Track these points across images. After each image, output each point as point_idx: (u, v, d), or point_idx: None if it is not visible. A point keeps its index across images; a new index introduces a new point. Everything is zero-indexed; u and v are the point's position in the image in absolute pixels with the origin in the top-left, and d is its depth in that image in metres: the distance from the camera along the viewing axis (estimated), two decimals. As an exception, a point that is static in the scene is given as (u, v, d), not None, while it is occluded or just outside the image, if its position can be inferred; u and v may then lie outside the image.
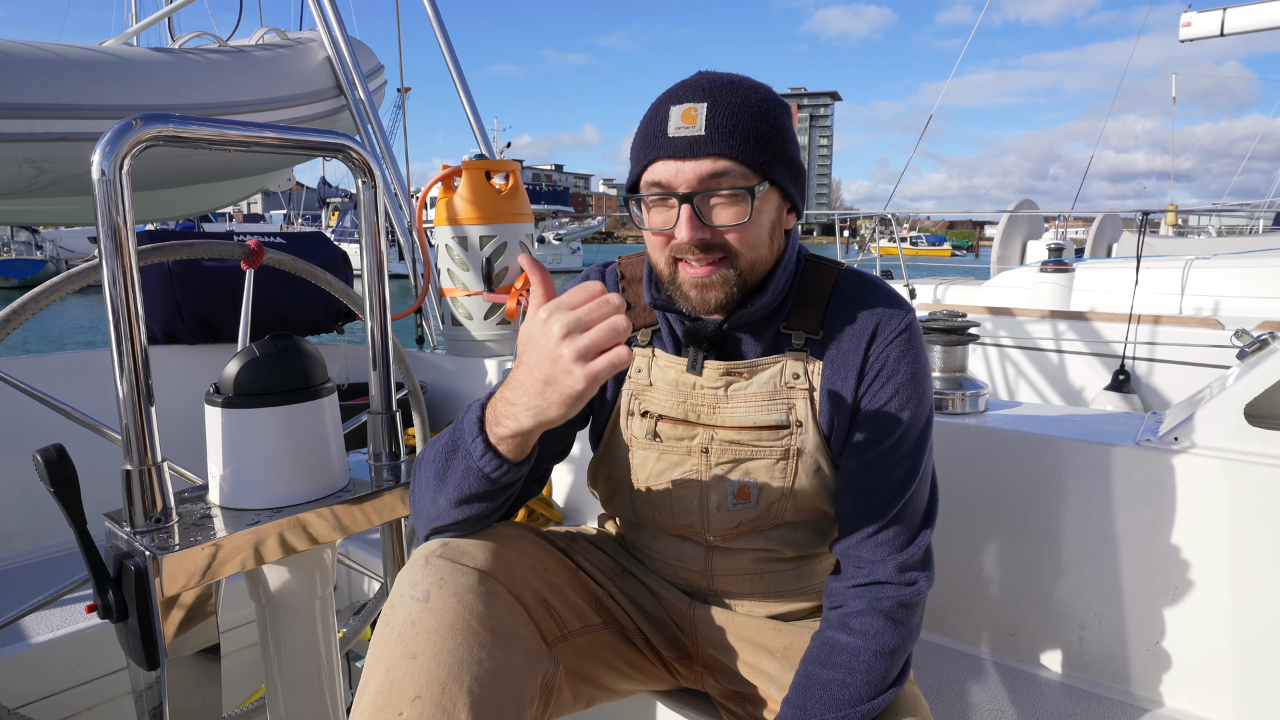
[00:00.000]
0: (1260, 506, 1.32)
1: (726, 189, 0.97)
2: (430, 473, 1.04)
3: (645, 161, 1.01)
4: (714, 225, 0.99)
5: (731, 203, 0.99)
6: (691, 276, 1.02)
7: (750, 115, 0.98)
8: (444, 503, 1.03)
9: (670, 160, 0.98)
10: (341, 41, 3.21)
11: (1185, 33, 8.96)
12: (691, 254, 1.00)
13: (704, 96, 0.98)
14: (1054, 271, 5.85)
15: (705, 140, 0.96)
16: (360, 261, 1.38)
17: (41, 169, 2.47)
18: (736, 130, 0.97)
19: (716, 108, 0.97)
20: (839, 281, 1.12)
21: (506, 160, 2.72)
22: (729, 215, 0.99)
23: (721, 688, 1.20)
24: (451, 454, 1.00)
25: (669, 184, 0.99)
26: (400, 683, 0.91)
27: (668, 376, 1.14)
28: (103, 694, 1.67)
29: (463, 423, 0.99)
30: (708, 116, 0.97)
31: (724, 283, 1.02)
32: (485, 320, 2.67)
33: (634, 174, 1.04)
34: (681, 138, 0.97)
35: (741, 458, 1.10)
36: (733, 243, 1.00)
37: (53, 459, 1.01)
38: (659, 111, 1.00)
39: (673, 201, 0.99)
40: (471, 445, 0.96)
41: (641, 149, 1.02)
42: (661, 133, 0.98)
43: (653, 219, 1.03)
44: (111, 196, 0.98)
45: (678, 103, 0.99)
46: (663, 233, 1.01)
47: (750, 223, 0.99)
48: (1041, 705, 1.43)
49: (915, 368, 1.07)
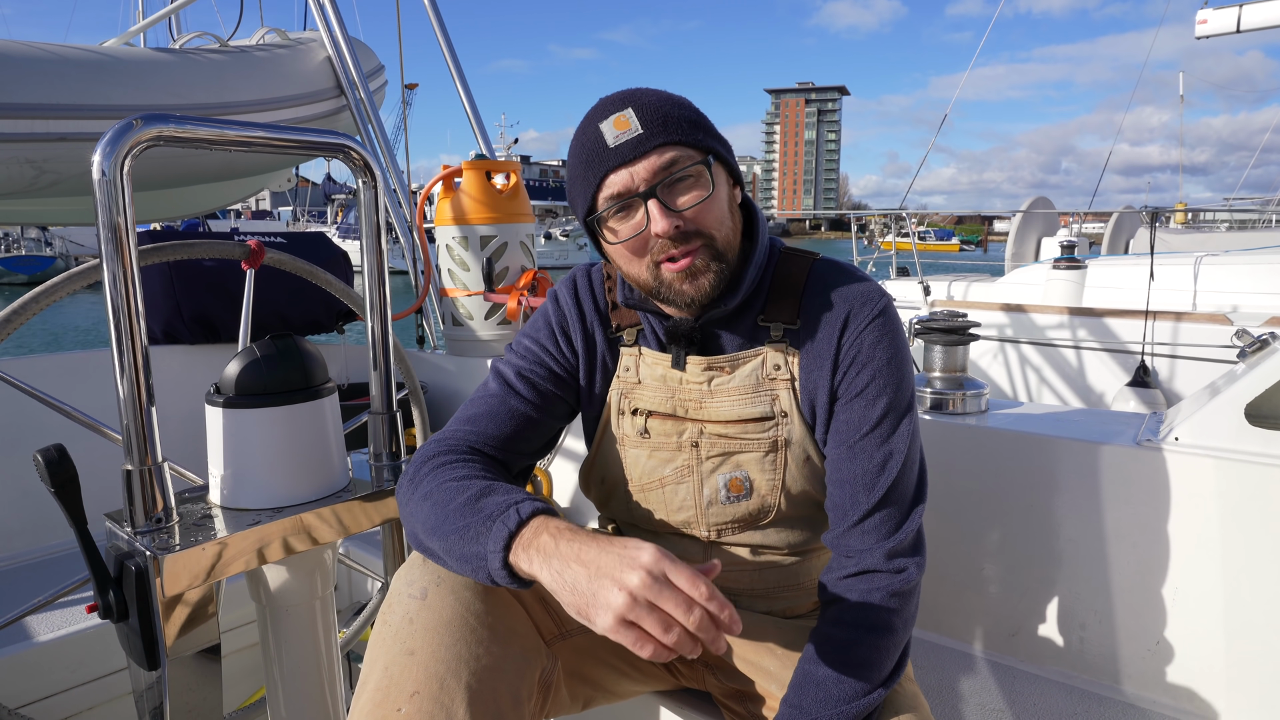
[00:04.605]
0: (1261, 506, 1.32)
1: (680, 172, 1.00)
2: (428, 521, 0.98)
3: (597, 180, 1.01)
4: (682, 210, 1.00)
5: (692, 184, 1.01)
6: (678, 270, 1.02)
7: (672, 104, 1.02)
8: (437, 551, 0.98)
9: (621, 169, 1.00)
10: (342, 41, 3.21)
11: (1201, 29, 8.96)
12: (672, 247, 1.01)
13: (625, 104, 1.01)
14: (1067, 268, 5.86)
15: (646, 136, 0.99)
16: (361, 261, 1.38)
17: (42, 169, 2.47)
18: (669, 119, 1.00)
19: (642, 107, 1.00)
20: (813, 271, 1.13)
21: (507, 160, 2.72)
22: (693, 196, 1.01)
23: (722, 686, 1.20)
24: (462, 531, 0.93)
25: (626, 189, 1.00)
26: (399, 679, 0.91)
27: (655, 373, 1.14)
28: (103, 694, 1.67)
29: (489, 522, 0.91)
30: (639, 116, 1.00)
31: (708, 266, 1.03)
32: (486, 320, 2.67)
33: (588, 199, 1.04)
34: (624, 143, 0.99)
35: (731, 451, 1.11)
36: (703, 224, 1.02)
37: (53, 459, 1.01)
38: (588, 134, 1.02)
39: (635, 204, 1.01)
40: (492, 566, 0.89)
41: (586, 171, 1.02)
42: (601, 148, 1.00)
43: (621, 231, 1.03)
44: (112, 196, 0.98)
45: (604, 118, 1.01)
46: (637, 237, 1.02)
47: (713, 197, 1.02)
48: (1042, 705, 1.43)
49: (891, 352, 1.07)
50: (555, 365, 1.17)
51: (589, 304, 1.19)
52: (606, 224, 1.04)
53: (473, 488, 0.97)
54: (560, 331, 1.18)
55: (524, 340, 1.20)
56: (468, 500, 0.95)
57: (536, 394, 1.15)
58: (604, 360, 1.18)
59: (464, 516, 0.94)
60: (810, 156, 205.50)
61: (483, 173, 2.61)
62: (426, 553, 1.01)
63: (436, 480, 1.01)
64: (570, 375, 1.18)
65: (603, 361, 1.18)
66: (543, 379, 1.16)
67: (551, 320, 1.19)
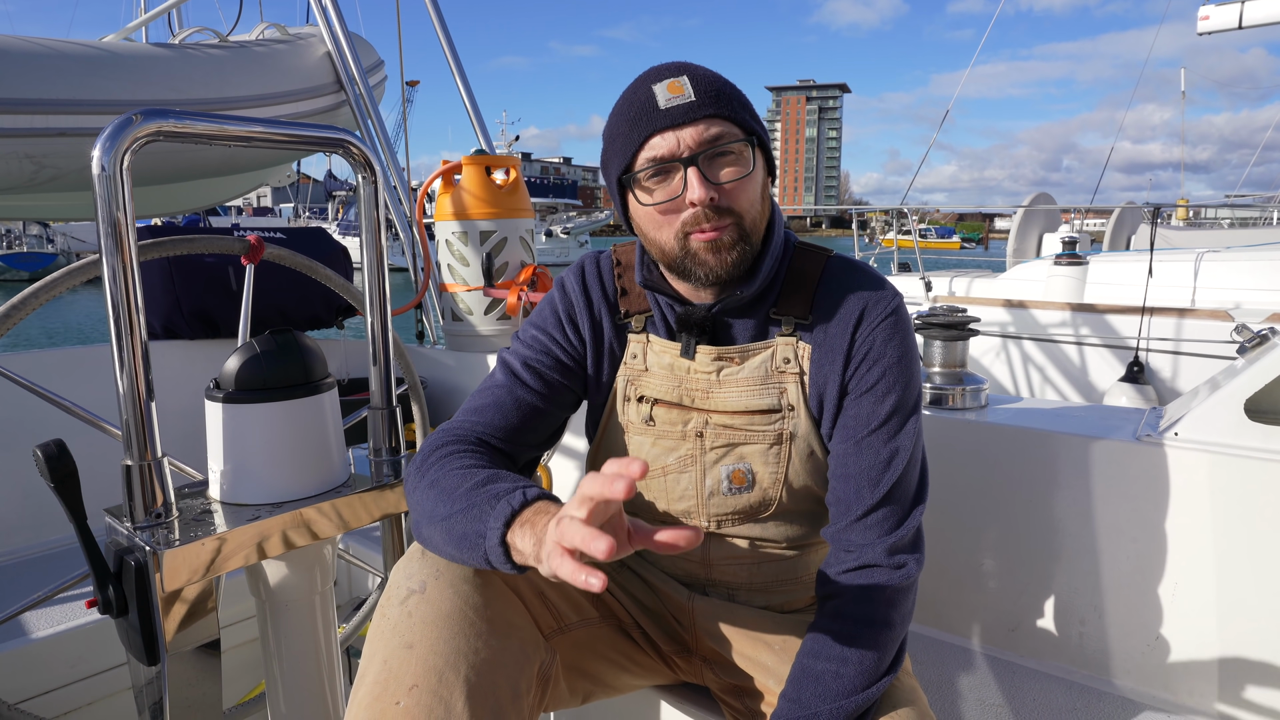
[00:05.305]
0: (1261, 502, 1.32)
1: (724, 146, 1.00)
2: (435, 510, 0.99)
3: (640, 139, 1.01)
4: (720, 183, 1.01)
5: (733, 160, 1.02)
6: (706, 241, 1.02)
7: (725, 82, 1.03)
8: (437, 537, 0.98)
9: (668, 131, 0.99)
10: (341, 36, 3.21)
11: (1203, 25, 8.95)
12: (704, 219, 1.01)
13: (680, 70, 1.02)
14: (1068, 265, 5.87)
15: (698, 105, 0.99)
16: (360, 256, 1.38)
17: (41, 164, 2.47)
18: (722, 93, 1.01)
19: (697, 77, 1.01)
20: (827, 267, 1.13)
21: (507, 155, 2.72)
22: (732, 172, 1.02)
23: (720, 681, 1.20)
24: (465, 510, 0.94)
25: (670, 154, 1.00)
26: (397, 672, 0.91)
27: (663, 361, 1.14)
28: (103, 689, 1.67)
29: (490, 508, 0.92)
30: (693, 84, 1.00)
31: (734, 243, 1.03)
32: (486, 315, 2.67)
33: (627, 155, 1.03)
34: (675, 107, 0.99)
35: (735, 442, 1.11)
36: (736, 201, 1.02)
37: (53, 454, 1.01)
38: (639, 93, 1.02)
39: (674, 169, 1.01)
40: (489, 542, 0.89)
41: (631, 128, 1.02)
42: (651, 108, 1.00)
43: (656, 194, 1.03)
44: (111, 192, 0.98)
45: (658, 80, 1.01)
46: (670, 203, 1.02)
47: (750, 177, 1.02)
48: (1040, 699, 1.43)
49: (902, 350, 1.08)
50: (562, 354, 1.17)
51: (597, 290, 1.19)
52: (641, 184, 1.04)
53: (480, 474, 0.98)
54: (567, 319, 1.18)
55: (530, 329, 1.20)
56: (474, 484, 0.96)
57: (543, 384, 1.15)
58: (611, 347, 1.18)
59: (469, 498, 0.94)
60: (811, 154, 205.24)
61: (482, 168, 2.61)
62: (426, 541, 1.01)
63: (443, 469, 1.01)
64: (577, 363, 1.18)
65: (610, 348, 1.18)
66: (550, 369, 1.16)
67: (559, 308, 1.19)
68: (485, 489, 0.94)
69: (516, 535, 0.86)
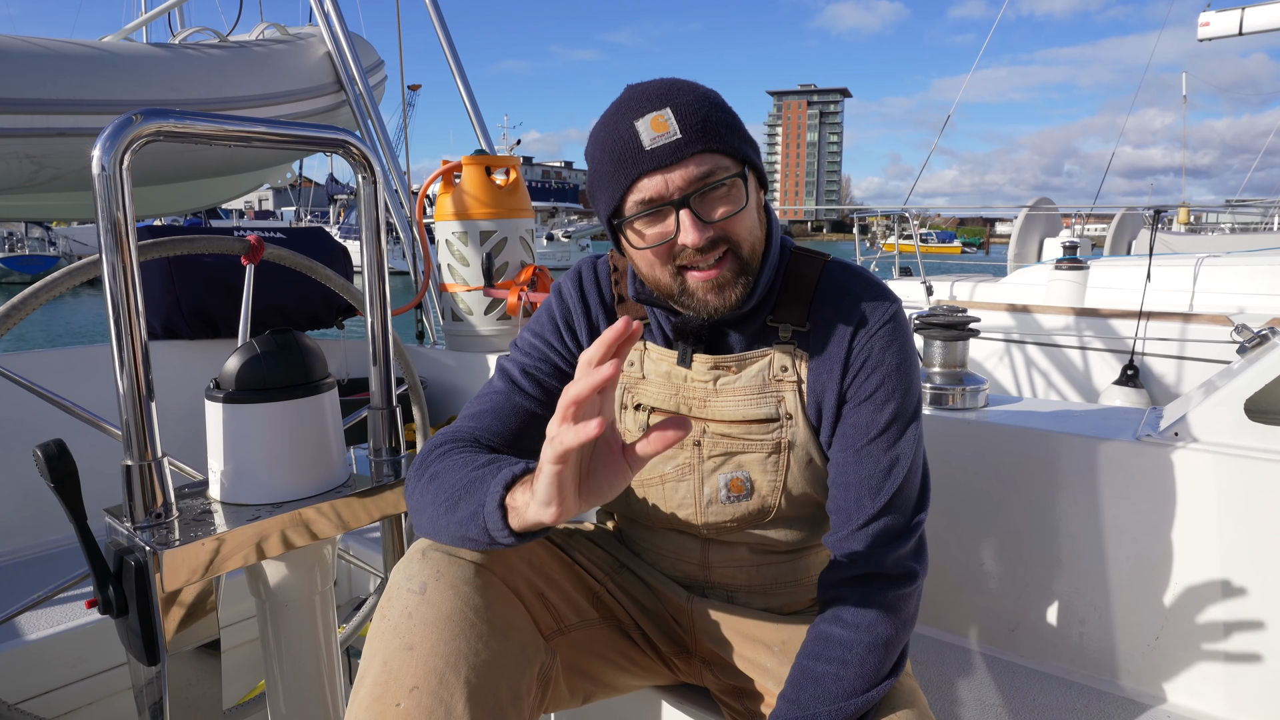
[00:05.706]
0: (1260, 502, 1.32)
1: (716, 183, 0.97)
2: (437, 496, 0.99)
3: (628, 182, 0.97)
4: (714, 221, 0.98)
5: (725, 194, 0.98)
6: (704, 280, 1.00)
7: (709, 106, 0.97)
8: (440, 519, 0.99)
9: (655, 174, 0.95)
10: (341, 36, 3.21)
11: (1204, 31, 8.96)
12: (699, 256, 0.99)
13: (663, 102, 0.96)
14: (1069, 269, 5.87)
15: (685, 143, 0.94)
16: (360, 257, 1.38)
17: (41, 164, 2.47)
18: (707, 124, 0.96)
19: (680, 108, 0.95)
20: (825, 273, 1.11)
21: (507, 155, 2.72)
22: (725, 208, 0.98)
23: (720, 682, 1.20)
24: (467, 485, 0.94)
25: (660, 196, 0.96)
26: (398, 674, 0.91)
27: (660, 369, 1.14)
28: (103, 689, 1.67)
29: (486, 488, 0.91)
30: (677, 118, 0.95)
31: (735, 277, 1.01)
32: (486, 315, 2.67)
33: (615, 198, 0.99)
34: (661, 147, 0.94)
35: (733, 451, 1.11)
36: (733, 234, 0.99)
37: (53, 454, 1.01)
38: (622, 130, 0.96)
39: (666, 210, 0.97)
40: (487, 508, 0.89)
41: (616, 169, 0.97)
42: (635, 149, 0.95)
43: (649, 236, 1.00)
44: (111, 192, 0.98)
45: (639, 115, 0.96)
46: (663, 244, 0.99)
47: (744, 210, 0.99)
48: (1041, 700, 1.43)
49: (901, 358, 1.07)
50: (560, 360, 1.16)
51: (594, 296, 1.18)
52: (632, 227, 1.00)
53: (481, 458, 0.98)
54: (564, 325, 1.17)
55: (528, 336, 1.20)
56: (478, 465, 0.95)
57: (541, 390, 1.15)
58: None
59: (469, 476, 0.94)
60: (812, 158, 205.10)
61: (482, 168, 2.61)
62: (425, 530, 1.01)
63: (443, 463, 1.01)
64: (574, 369, 1.18)
65: None
66: (547, 375, 1.15)
67: (556, 314, 1.18)
68: (486, 468, 0.94)
69: (516, 495, 0.85)
